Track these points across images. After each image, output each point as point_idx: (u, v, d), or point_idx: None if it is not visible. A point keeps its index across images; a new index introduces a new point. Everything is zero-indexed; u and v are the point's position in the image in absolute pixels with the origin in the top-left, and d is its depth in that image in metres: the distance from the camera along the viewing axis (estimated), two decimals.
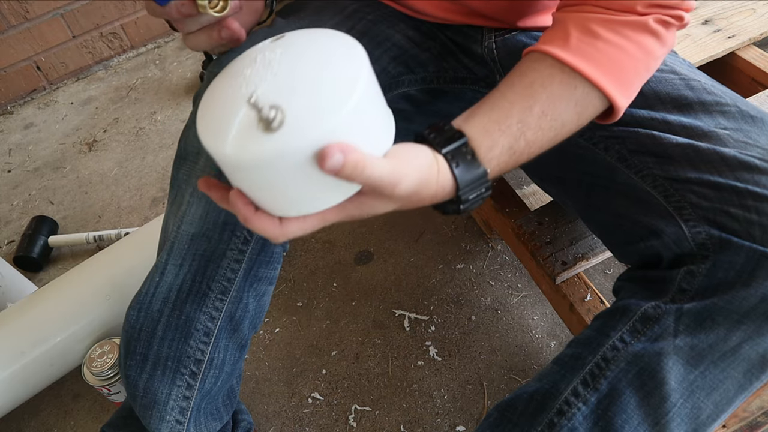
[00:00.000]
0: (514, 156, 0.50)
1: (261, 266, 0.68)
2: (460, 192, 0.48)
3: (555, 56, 0.50)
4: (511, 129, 0.49)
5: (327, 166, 0.39)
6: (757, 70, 1.02)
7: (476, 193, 0.49)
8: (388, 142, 0.45)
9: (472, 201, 0.50)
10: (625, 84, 0.52)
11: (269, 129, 0.39)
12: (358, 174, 0.41)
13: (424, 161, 0.47)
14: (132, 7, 1.81)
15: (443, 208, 0.51)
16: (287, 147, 0.39)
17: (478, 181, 0.49)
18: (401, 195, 0.45)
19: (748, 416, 0.69)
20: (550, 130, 0.51)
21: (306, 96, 0.41)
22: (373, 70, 0.44)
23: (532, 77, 0.51)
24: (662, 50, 0.53)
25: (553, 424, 0.55)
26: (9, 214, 1.46)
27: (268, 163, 0.40)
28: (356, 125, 0.41)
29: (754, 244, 0.51)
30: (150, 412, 0.68)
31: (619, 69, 0.51)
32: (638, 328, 0.55)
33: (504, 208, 0.93)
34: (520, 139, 0.50)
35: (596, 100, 0.52)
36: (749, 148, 0.55)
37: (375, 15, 0.73)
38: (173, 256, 0.64)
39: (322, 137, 0.39)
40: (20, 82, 1.78)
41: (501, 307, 1.06)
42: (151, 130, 1.62)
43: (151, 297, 0.65)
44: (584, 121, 0.53)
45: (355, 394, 0.98)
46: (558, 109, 0.50)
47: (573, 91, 0.50)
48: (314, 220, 0.45)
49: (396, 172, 0.43)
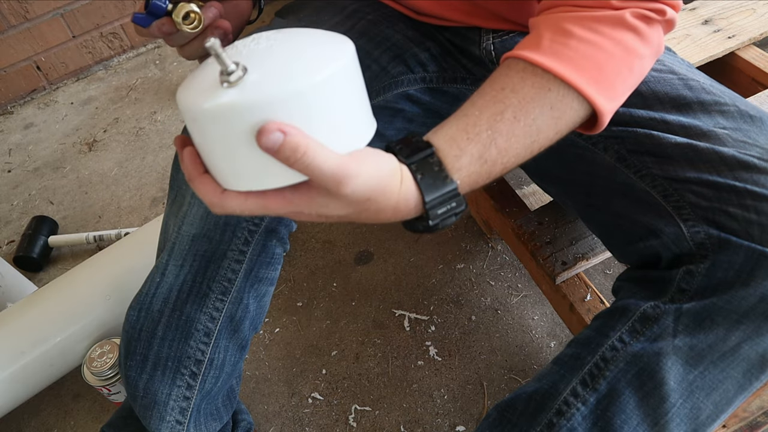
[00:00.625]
0: (486, 166, 0.47)
1: (261, 267, 0.68)
2: (427, 205, 0.44)
3: (526, 59, 0.48)
4: (480, 136, 0.46)
5: (263, 142, 0.37)
6: (757, 70, 1.02)
7: (446, 208, 0.45)
8: (354, 147, 0.42)
9: (441, 216, 0.45)
10: (604, 84, 0.48)
11: (228, 83, 0.39)
12: (296, 159, 0.38)
13: (384, 167, 0.43)
14: (132, 7, 1.81)
15: (412, 225, 0.47)
16: (237, 101, 0.38)
17: (447, 194, 0.45)
18: (350, 196, 0.41)
19: (748, 416, 0.69)
20: (525, 137, 0.47)
21: (276, 65, 0.40)
22: (360, 70, 0.43)
23: (502, 83, 0.48)
24: (645, 48, 0.50)
25: (552, 425, 0.55)
26: (9, 214, 1.46)
27: (216, 115, 0.39)
28: (316, 108, 0.39)
29: (753, 244, 0.51)
30: (150, 413, 0.68)
31: (596, 68, 0.47)
32: (637, 328, 0.55)
33: (504, 208, 0.93)
34: (491, 147, 0.46)
35: (575, 103, 0.48)
36: (748, 148, 0.55)
37: (375, 15, 0.73)
38: (174, 256, 0.64)
39: (274, 103, 0.38)
40: (20, 82, 1.78)
41: (501, 307, 1.06)
42: (151, 130, 1.62)
43: (152, 297, 0.65)
44: (563, 128, 0.49)
45: (355, 394, 0.98)
46: (531, 114, 0.47)
47: (546, 93, 0.47)
48: (255, 202, 0.42)
49: (343, 168, 0.40)
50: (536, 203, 1.10)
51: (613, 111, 0.50)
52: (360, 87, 0.43)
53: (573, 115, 0.49)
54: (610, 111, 0.49)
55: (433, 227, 0.46)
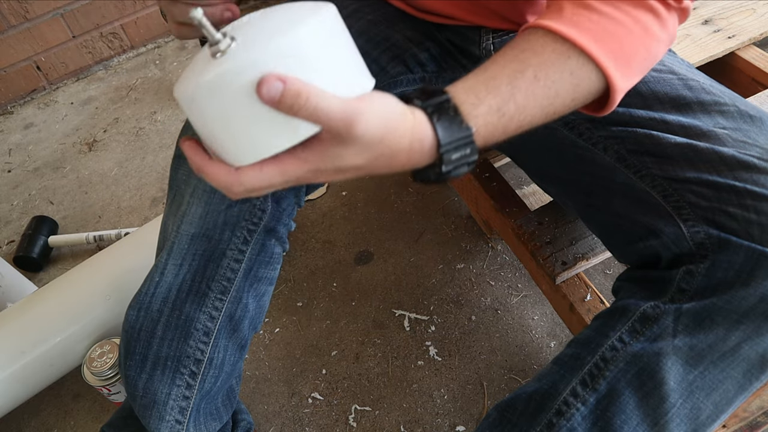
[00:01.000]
0: (503, 119, 0.46)
1: (261, 266, 0.68)
2: (442, 149, 0.43)
3: (546, 27, 0.48)
4: (500, 89, 0.46)
5: (264, 93, 0.37)
6: (757, 70, 1.02)
7: (460, 153, 0.44)
8: (356, 94, 0.41)
9: (455, 163, 0.45)
10: (622, 60, 0.48)
11: (220, 52, 0.39)
12: (301, 106, 0.37)
13: (393, 108, 0.42)
14: (132, 7, 1.81)
15: (423, 174, 0.46)
16: (230, 66, 0.38)
17: (462, 139, 0.44)
18: (362, 137, 0.40)
19: (748, 416, 0.69)
20: (544, 98, 0.47)
21: (264, 28, 0.40)
22: (345, 26, 0.43)
23: (523, 46, 0.48)
24: (662, 33, 0.50)
25: (552, 425, 0.55)
26: (9, 214, 1.46)
27: (213, 86, 0.38)
28: (310, 59, 0.39)
29: (753, 244, 0.51)
30: (150, 412, 0.68)
31: (615, 42, 0.48)
32: (637, 328, 0.55)
33: (504, 208, 0.93)
34: (510, 101, 0.46)
35: (592, 74, 0.48)
36: (748, 148, 0.55)
37: (375, 15, 0.73)
38: (173, 256, 0.64)
39: (267, 59, 0.37)
40: (20, 82, 1.78)
41: (501, 307, 1.06)
42: (151, 130, 1.62)
43: (151, 297, 0.65)
44: (580, 96, 0.49)
45: (355, 394, 0.98)
46: (551, 77, 0.47)
47: (566, 60, 0.47)
48: (271, 170, 0.41)
49: (351, 107, 0.39)
50: (536, 203, 1.10)
51: (625, 90, 0.50)
52: (350, 41, 0.43)
53: (590, 86, 0.49)
54: (622, 90, 0.49)
55: (446, 174, 0.45)
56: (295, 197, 0.69)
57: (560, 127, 0.67)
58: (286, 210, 0.68)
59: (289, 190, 0.68)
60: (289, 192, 0.68)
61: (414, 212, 1.24)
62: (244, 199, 0.63)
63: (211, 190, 0.63)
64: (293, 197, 0.69)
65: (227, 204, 0.63)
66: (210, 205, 0.63)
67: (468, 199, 1.11)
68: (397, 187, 1.30)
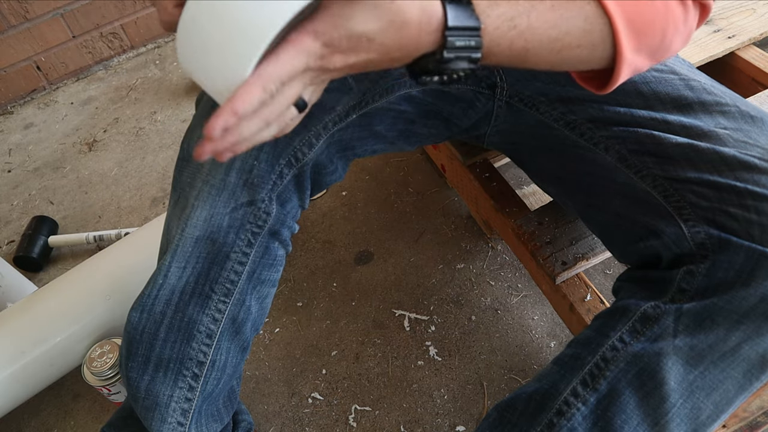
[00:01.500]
0: (512, 32, 0.45)
1: (264, 269, 0.68)
2: (448, 31, 0.42)
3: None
4: (519, 2, 0.45)
5: None
6: (757, 70, 1.02)
7: (464, 43, 0.43)
8: None
9: (457, 52, 0.43)
10: (635, 28, 0.47)
11: None
12: None
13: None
14: (132, 7, 1.81)
15: (422, 63, 0.45)
16: None
17: (470, 27, 0.43)
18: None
19: (748, 416, 0.69)
20: (555, 29, 0.46)
21: None
22: None
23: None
24: (683, 20, 0.49)
25: (552, 425, 0.55)
26: (9, 214, 1.46)
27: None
28: None
29: (754, 244, 0.51)
30: (152, 414, 0.68)
31: (633, 9, 0.47)
32: (638, 329, 0.55)
33: (504, 208, 0.93)
34: (524, 16, 0.45)
35: (603, 32, 0.47)
36: (749, 148, 0.55)
37: None
38: (177, 258, 0.64)
39: None
40: (20, 82, 1.78)
41: (501, 307, 1.06)
42: (151, 130, 1.62)
43: (154, 299, 0.65)
44: (587, 46, 0.48)
45: (355, 394, 0.98)
46: (566, 14, 0.46)
47: (583, 5, 0.46)
48: (287, 52, 0.40)
49: None
50: (536, 203, 1.11)
51: (630, 66, 0.49)
52: None
53: (599, 42, 0.48)
54: (628, 63, 0.49)
55: (446, 62, 0.44)
56: (299, 199, 0.69)
57: (561, 127, 0.67)
58: (290, 212, 0.68)
59: (293, 192, 0.67)
60: (293, 194, 0.68)
61: (414, 212, 1.24)
62: (249, 201, 0.63)
63: (216, 193, 0.63)
64: (297, 199, 0.69)
65: (232, 207, 0.63)
66: (215, 208, 0.63)
67: (468, 199, 1.11)
68: (397, 187, 1.30)
